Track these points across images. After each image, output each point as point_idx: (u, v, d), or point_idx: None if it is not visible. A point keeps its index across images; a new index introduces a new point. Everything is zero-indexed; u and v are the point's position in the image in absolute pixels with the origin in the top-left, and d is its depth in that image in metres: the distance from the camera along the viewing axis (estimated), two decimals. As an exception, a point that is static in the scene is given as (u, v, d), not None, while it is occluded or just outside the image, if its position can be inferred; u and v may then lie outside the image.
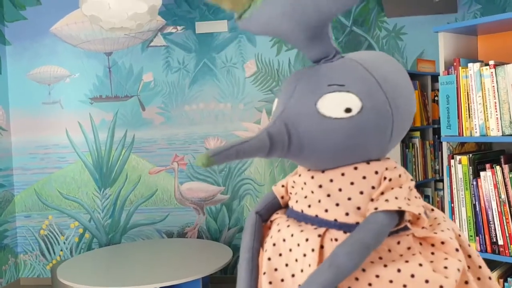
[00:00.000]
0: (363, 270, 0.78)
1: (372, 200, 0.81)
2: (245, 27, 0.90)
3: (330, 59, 0.85)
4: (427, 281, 0.77)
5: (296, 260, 0.82)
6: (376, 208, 0.79)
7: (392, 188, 0.81)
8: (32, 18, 4.17)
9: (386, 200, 0.79)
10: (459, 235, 0.90)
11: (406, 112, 0.84)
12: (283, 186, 0.96)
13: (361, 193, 0.82)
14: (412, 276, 0.77)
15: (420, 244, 0.84)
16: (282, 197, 0.95)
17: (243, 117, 4.07)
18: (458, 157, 1.91)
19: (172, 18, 4.09)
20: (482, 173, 1.84)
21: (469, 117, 1.88)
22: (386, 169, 0.84)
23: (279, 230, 0.88)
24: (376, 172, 0.83)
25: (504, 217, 1.78)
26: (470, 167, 1.88)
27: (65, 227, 4.22)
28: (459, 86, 1.90)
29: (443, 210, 3.24)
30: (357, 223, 0.81)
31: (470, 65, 1.86)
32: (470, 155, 1.89)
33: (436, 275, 0.77)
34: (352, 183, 0.82)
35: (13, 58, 4.21)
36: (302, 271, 0.81)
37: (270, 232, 0.91)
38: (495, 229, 1.81)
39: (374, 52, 0.90)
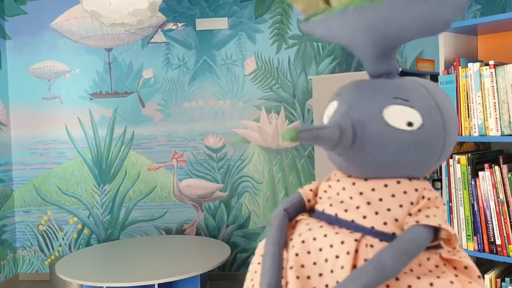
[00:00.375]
0: (397, 279, 0.80)
1: (410, 214, 0.84)
2: (310, 29, 0.93)
3: (391, 77, 0.89)
4: None
5: (326, 261, 0.83)
6: (417, 221, 0.81)
7: (429, 208, 0.85)
8: (33, 13, 4.17)
9: (427, 216, 0.82)
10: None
11: (453, 138, 0.89)
12: (311, 190, 0.97)
13: (401, 206, 0.84)
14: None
15: (444, 265, 0.86)
16: (309, 201, 0.97)
17: (243, 114, 4.08)
18: (456, 157, 1.92)
19: (173, 15, 4.09)
20: (480, 173, 1.84)
21: (468, 116, 1.88)
22: (424, 188, 0.87)
23: (310, 229, 0.89)
24: (416, 190, 0.86)
25: (502, 217, 1.79)
26: (469, 167, 1.89)
27: (64, 222, 4.22)
28: (459, 86, 1.91)
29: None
30: (393, 234, 0.83)
31: (470, 65, 1.87)
32: (469, 154, 1.90)
33: None
34: (393, 195, 0.85)
35: (13, 53, 4.21)
36: (332, 271, 0.82)
37: (297, 230, 0.92)
38: (493, 229, 1.81)
39: (427, 80, 0.95)
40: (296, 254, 0.87)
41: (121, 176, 4.18)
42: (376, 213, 0.84)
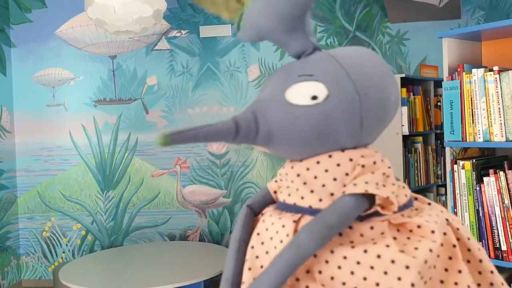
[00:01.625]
0: (332, 252, 0.80)
1: (345, 185, 0.83)
2: (242, 36, 0.95)
3: (308, 55, 0.89)
4: (393, 262, 0.76)
5: (275, 248, 0.85)
6: (343, 192, 0.81)
7: (362, 175, 0.83)
8: (38, 21, 4.20)
9: (355, 184, 0.81)
10: (458, 228, 0.89)
11: (378, 100, 0.85)
12: (276, 181, 0.98)
13: (335, 179, 0.84)
14: (378, 256, 0.77)
15: (398, 230, 0.84)
16: (275, 192, 0.97)
17: (246, 121, 4.08)
18: (461, 163, 1.92)
19: (177, 22, 4.12)
20: (485, 179, 1.84)
21: (473, 122, 1.89)
22: (362, 156, 0.86)
23: (263, 221, 0.91)
24: (351, 160, 0.85)
25: (507, 223, 1.78)
26: (473, 173, 1.88)
27: (68, 229, 4.23)
28: (463, 92, 1.91)
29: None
30: None
31: (474, 70, 1.87)
32: (474, 160, 1.90)
33: (402, 256, 0.77)
34: (326, 170, 0.84)
35: (18, 60, 4.24)
36: None
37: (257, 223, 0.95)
38: (498, 235, 1.81)
39: (354, 47, 0.94)
40: (252, 247, 0.89)
41: (124, 182, 4.18)
42: (312, 191, 0.84)
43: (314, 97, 0.81)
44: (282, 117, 0.82)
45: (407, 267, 0.76)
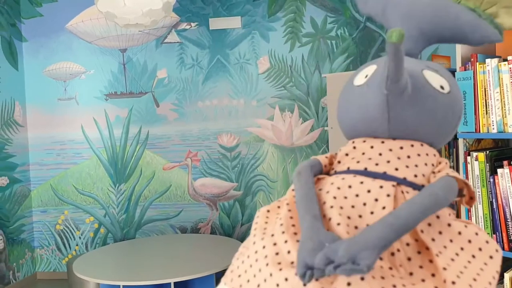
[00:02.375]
0: (422, 231, 0.82)
1: (433, 172, 0.89)
2: (369, 10, 1.04)
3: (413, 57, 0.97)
4: (487, 242, 0.83)
5: (365, 204, 0.83)
6: (447, 174, 0.86)
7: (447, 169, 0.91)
8: (48, 15, 4.22)
9: (453, 172, 0.87)
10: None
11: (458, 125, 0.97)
12: (326, 157, 0.98)
13: (426, 164, 0.89)
14: (476, 234, 0.83)
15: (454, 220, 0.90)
16: (325, 166, 0.97)
17: (256, 113, 4.08)
18: (474, 154, 1.89)
19: (186, 15, 4.11)
20: (499, 170, 1.82)
21: (486, 113, 1.86)
22: (440, 157, 0.93)
23: (343, 178, 0.88)
24: (434, 155, 0.92)
25: (521, 215, 1.76)
26: (487, 164, 1.86)
27: (81, 222, 4.27)
28: (476, 82, 1.88)
29: (458, 207, 3.21)
30: (423, 186, 0.86)
31: (488, 60, 1.84)
32: (487, 151, 1.87)
33: (492, 242, 0.84)
34: (419, 155, 0.89)
35: (30, 54, 4.27)
36: (372, 213, 0.82)
37: (326, 181, 0.91)
38: (512, 227, 1.79)
39: None
40: (334, 197, 0.85)
41: (136, 175, 4.21)
42: (407, 166, 0.87)
43: (442, 87, 0.90)
44: (421, 88, 0.88)
45: (497, 250, 0.83)
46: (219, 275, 3.28)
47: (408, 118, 0.88)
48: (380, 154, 0.89)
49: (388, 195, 0.82)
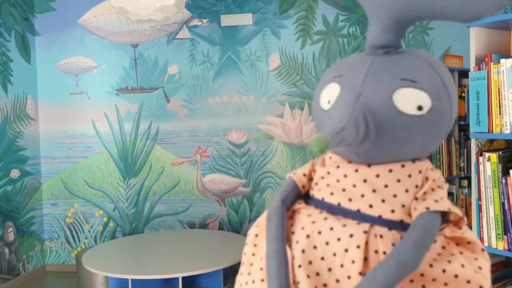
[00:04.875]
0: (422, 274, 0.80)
1: (416, 198, 0.81)
2: None
3: (391, 52, 0.84)
4: (468, 282, 0.78)
5: (334, 255, 0.80)
6: (427, 208, 0.79)
7: (433, 189, 0.82)
8: (61, 9, 4.25)
9: (435, 201, 0.80)
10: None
11: (454, 118, 0.87)
12: (304, 175, 0.93)
13: (407, 191, 0.82)
14: (456, 276, 0.78)
15: (448, 243, 0.84)
16: (303, 187, 0.93)
17: (266, 110, 4.08)
18: (487, 154, 1.88)
19: (198, 11, 4.12)
20: (511, 171, 1.81)
21: (500, 113, 1.85)
22: (427, 169, 0.85)
23: (313, 222, 0.85)
24: (420, 171, 0.84)
25: (533, 216, 1.75)
26: (499, 165, 1.85)
27: (90, 215, 4.31)
28: (490, 82, 1.87)
29: (469, 207, 3.19)
30: (401, 221, 0.81)
31: (502, 60, 1.83)
32: (500, 152, 1.86)
33: (477, 276, 0.79)
34: (398, 180, 0.82)
35: (42, 49, 4.30)
36: (342, 266, 0.79)
37: (298, 222, 0.87)
38: (523, 228, 1.78)
39: (428, 53, 0.90)
40: (303, 251, 0.82)
41: (146, 170, 4.23)
42: (383, 200, 0.81)
43: (420, 108, 0.78)
44: (390, 124, 0.78)
45: (481, 287, 0.78)
46: (227, 271, 3.30)
47: (379, 152, 0.81)
48: (354, 186, 0.83)
49: (358, 246, 0.78)
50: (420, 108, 0.78)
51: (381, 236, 0.79)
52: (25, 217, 4.12)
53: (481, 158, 1.91)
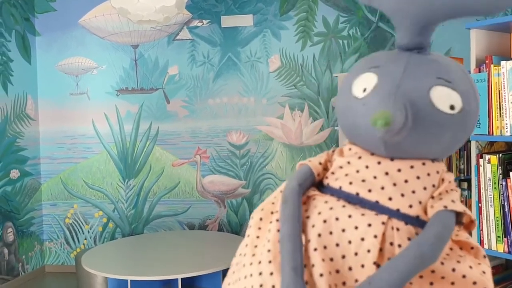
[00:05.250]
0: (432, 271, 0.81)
1: (432, 197, 0.83)
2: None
3: (423, 52, 0.86)
4: (474, 283, 0.80)
5: (350, 242, 0.81)
6: (445, 206, 0.81)
7: (447, 191, 0.84)
8: (62, 10, 4.25)
9: (453, 201, 0.82)
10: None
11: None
12: (320, 163, 0.92)
13: (425, 188, 0.83)
14: (464, 276, 0.80)
15: (453, 246, 0.86)
16: (318, 175, 0.92)
17: (266, 111, 4.08)
18: (487, 157, 1.88)
19: (198, 12, 4.12)
20: (511, 173, 1.80)
21: (500, 116, 1.84)
22: (443, 170, 0.87)
23: (331, 208, 0.85)
24: (438, 172, 0.85)
25: (533, 219, 1.75)
26: (500, 167, 1.85)
27: (90, 216, 4.30)
28: (491, 84, 1.87)
29: (469, 209, 3.19)
30: (417, 217, 0.82)
31: (503, 63, 1.83)
32: (500, 154, 1.86)
33: (482, 278, 0.81)
34: (418, 177, 0.84)
35: (43, 49, 4.30)
36: (356, 254, 0.80)
37: (314, 207, 0.87)
38: (524, 231, 1.77)
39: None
40: (319, 235, 0.82)
41: (145, 171, 4.23)
42: (402, 195, 0.82)
43: (452, 107, 0.80)
44: (426, 117, 0.79)
45: None
46: (226, 272, 3.29)
47: (408, 145, 0.82)
48: (375, 177, 0.84)
49: (375, 236, 0.79)
50: (452, 107, 0.80)
51: (397, 229, 0.80)
52: (25, 218, 4.11)
53: (481, 160, 1.90)
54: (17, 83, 4.06)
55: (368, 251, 0.79)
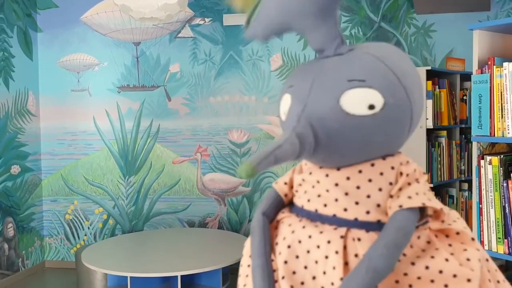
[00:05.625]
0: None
1: (391, 196, 0.80)
2: (253, 32, 0.86)
3: (339, 52, 0.82)
4: (455, 276, 0.77)
5: (316, 262, 0.80)
6: (400, 206, 0.77)
7: (409, 184, 0.80)
8: (64, 6, 4.25)
9: (409, 197, 0.78)
10: (487, 259, 0.88)
11: (420, 106, 0.84)
12: (285, 183, 0.93)
13: (380, 190, 0.80)
14: (441, 272, 0.77)
15: (436, 236, 0.83)
16: (286, 195, 0.92)
17: (267, 110, 4.08)
18: (488, 158, 1.88)
19: (200, 10, 4.11)
20: (513, 175, 1.81)
21: (502, 117, 1.85)
22: (401, 164, 0.83)
23: (293, 231, 0.85)
24: (392, 168, 0.82)
25: (534, 220, 1.75)
26: (501, 168, 1.85)
27: (90, 212, 4.31)
28: (493, 86, 1.87)
29: (469, 210, 3.20)
30: (378, 221, 0.80)
31: (505, 64, 1.83)
32: (501, 156, 1.86)
33: (463, 269, 0.77)
34: (370, 180, 0.81)
35: (44, 45, 4.30)
36: (324, 273, 0.79)
37: (280, 233, 0.88)
38: (524, 232, 1.78)
39: (383, 44, 0.87)
40: (285, 262, 0.83)
41: (146, 168, 4.24)
42: (357, 203, 0.80)
43: (371, 106, 0.76)
44: (341, 129, 0.77)
45: (469, 280, 0.76)
46: (226, 270, 3.30)
47: (337, 157, 0.80)
48: (327, 191, 0.82)
49: (337, 252, 0.78)
50: (372, 107, 0.76)
51: (359, 239, 0.79)
52: (25, 213, 4.12)
53: (482, 162, 1.91)
54: (19, 79, 4.06)
55: (334, 268, 0.78)
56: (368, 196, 0.80)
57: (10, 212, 3.93)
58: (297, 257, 0.82)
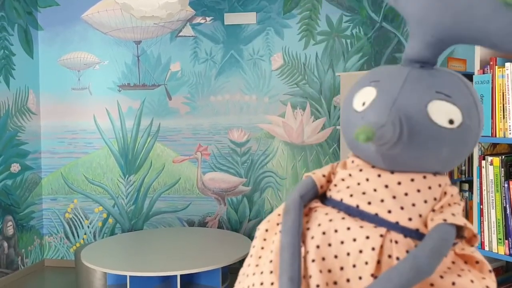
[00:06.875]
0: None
1: (433, 210, 0.83)
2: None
3: (427, 67, 0.86)
4: None
5: (348, 254, 0.81)
6: (445, 220, 0.80)
7: (449, 204, 0.84)
8: (65, 4, 4.24)
9: (453, 214, 0.81)
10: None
11: (479, 137, 0.88)
12: (324, 176, 0.94)
13: (425, 202, 0.83)
14: None
15: (457, 260, 0.85)
16: (322, 187, 0.94)
17: (268, 109, 4.08)
18: (489, 158, 1.87)
19: (201, 9, 4.11)
20: (514, 176, 1.80)
21: (503, 117, 1.84)
22: (446, 184, 0.87)
23: (330, 220, 0.86)
24: (440, 185, 0.85)
25: (535, 221, 1.74)
26: (502, 169, 1.84)
27: (90, 211, 4.30)
28: (495, 86, 1.86)
29: (470, 211, 3.19)
30: (417, 230, 0.82)
31: (507, 64, 1.82)
32: (503, 156, 1.85)
33: None
34: (418, 190, 0.84)
35: (45, 43, 4.29)
36: (354, 266, 0.80)
37: (314, 219, 0.89)
38: (525, 233, 1.77)
39: (459, 73, 0.92)
40: (317, 246, 0.84)
41: (146, 167, 4.23)
42: (402, 208, 0.82)
43: (451, 121, 0.80)
44: (423, 131, 0.80)
45: None
46: (225, 270, 3.29)
47: (406, 160, 0.83)
48: (375, 190, 0.85)
49: (373, 249, 0.79)
50: (451, 121, 0.80)
51: (396, 242, 0.80)
52: (25, 212, 4.11)
53: (483, 162, 1.90)
54: (19, 77, 4.05)
55: (366, 263, 0.79)
56: (413, 205, 0.83)
57: (10, 210, 3.93)
58: (329, 245, 0.83)
